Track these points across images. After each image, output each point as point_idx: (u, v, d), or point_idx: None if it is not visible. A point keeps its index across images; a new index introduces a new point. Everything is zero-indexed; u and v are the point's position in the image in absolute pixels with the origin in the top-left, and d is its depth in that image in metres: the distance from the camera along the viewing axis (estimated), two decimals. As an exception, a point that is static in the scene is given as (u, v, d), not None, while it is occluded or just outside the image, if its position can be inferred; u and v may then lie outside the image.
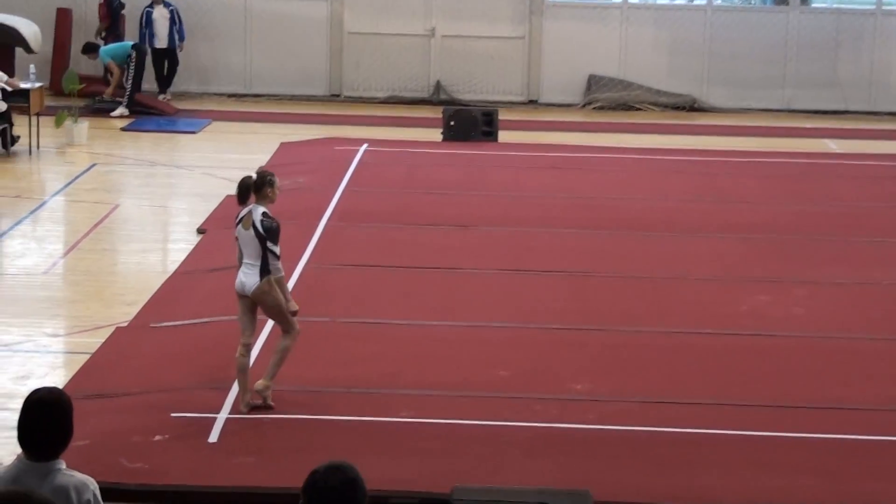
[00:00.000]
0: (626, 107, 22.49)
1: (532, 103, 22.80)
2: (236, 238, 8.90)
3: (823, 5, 24.03)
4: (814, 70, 22.89)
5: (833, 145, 19.91)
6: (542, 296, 11.55)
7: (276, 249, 8.75)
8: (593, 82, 22.78)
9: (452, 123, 18.83)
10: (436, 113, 19.78)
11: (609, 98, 22.57)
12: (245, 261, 8.79)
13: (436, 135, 18.72)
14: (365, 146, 17.56)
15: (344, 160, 16.60)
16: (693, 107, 22.65)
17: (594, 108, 22.47)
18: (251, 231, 8.71)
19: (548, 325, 10.72)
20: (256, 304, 8.82)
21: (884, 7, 23.18)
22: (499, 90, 22.74)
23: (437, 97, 22.12)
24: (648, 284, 11.96)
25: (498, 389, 9.36)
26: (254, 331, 8.95)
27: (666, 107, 22.56)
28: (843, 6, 23.83)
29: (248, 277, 8.73)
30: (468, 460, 8.26)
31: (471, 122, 18.97)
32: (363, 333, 10.40)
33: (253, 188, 8.81)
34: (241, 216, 8.86)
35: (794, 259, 12.84)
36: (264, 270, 8.69)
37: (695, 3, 23.89)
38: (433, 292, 11.58)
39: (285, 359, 8.86)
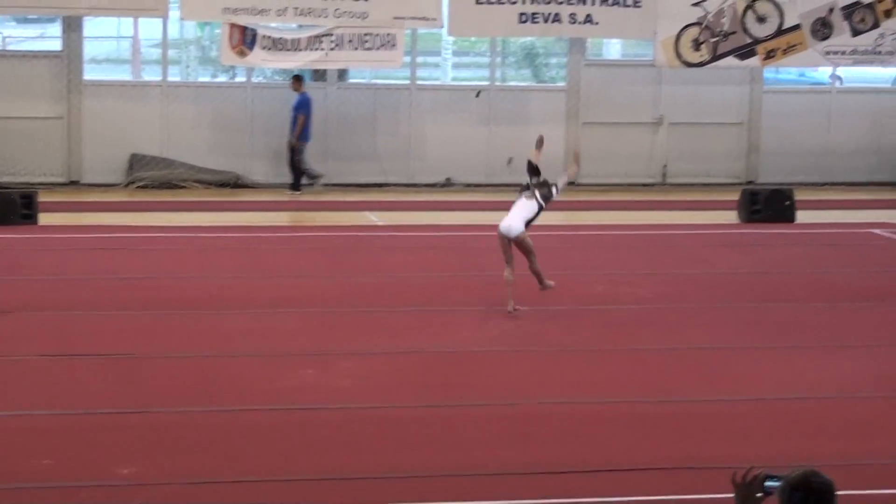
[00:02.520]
0: (171, 185, 22.39)
1: (73, 184, 22.36)
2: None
3: (360, 80, 24.74)
4: (353, 144, 23.50)
5: (374, 217, 20.46)
6: (87, 379, 11.27)
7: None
8: (135, 161, 22.57)
9: (-9, 207, 18.21)
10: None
11: (152, 177, 22.41)
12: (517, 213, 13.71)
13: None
14: None
15: None
16: (237, 183, 22.79)
17: (137, 188, 22.25)
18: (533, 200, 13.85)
19: (92, 409, 10.46)
20: (514, 243, 13.53)
21: (417, 82, 24.09)
22: (38, 171, 22.20)
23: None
24: (195, 363, 11.87)
25: (41, 480, 9.04)
26: (513, 257, 13.57)
27: (210, 184, 22.59)
28: (378, 81, 24.63)
29: (515, 224, 13.61)
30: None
31: (8, 206, 18.39)
32: None
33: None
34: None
35: (339, 331, 13.06)
36: (527, 224, 13.71)
37: (236, 80, 24.10)
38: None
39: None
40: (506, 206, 21.60)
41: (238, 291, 14.69)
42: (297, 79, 22.78)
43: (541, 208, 14.06)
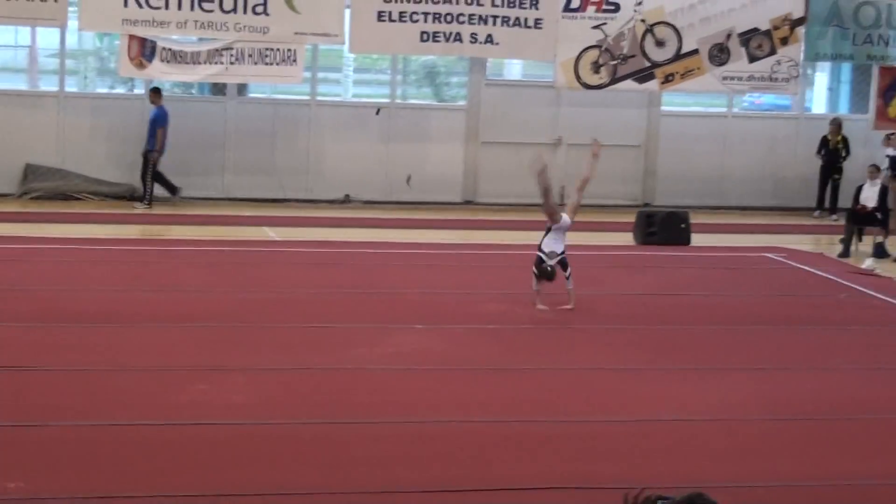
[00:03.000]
0: (65, 196, 22.18)
1: (-35, 193, 22.09)
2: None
3: (261, 95, 24.69)
4: (252, 159, 23.44)
5: (272, 233, 20.41)
6: (-25, 394, 11.13)
7: None
8: (30, 172, 22.34)
9: None
10: None
11: (47, 188, 22.20)
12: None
13: None
14: None
15: None
16: (133, 196, 22.63)
17: (31, 198, 22.01)
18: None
19: (-20, 424, 10.33)
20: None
21: (318, 98, 24.09)
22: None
23: None
24: (86, 377, 11.74)
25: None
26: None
27: (106, 196, 22.42)
28: (279, 96, 24.59)
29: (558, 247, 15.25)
30: None
31: None
32: None
33: None
34: None
35: (233, 346, 13.00)
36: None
37: (134, 91, 23.95)
38: None
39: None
40: (405, 224, 21.79)
41: (131, 305, 14.57)
42: (156, 91, 22.64)
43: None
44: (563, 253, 15.46)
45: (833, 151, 24.61)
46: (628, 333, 14.34)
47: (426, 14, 23.14)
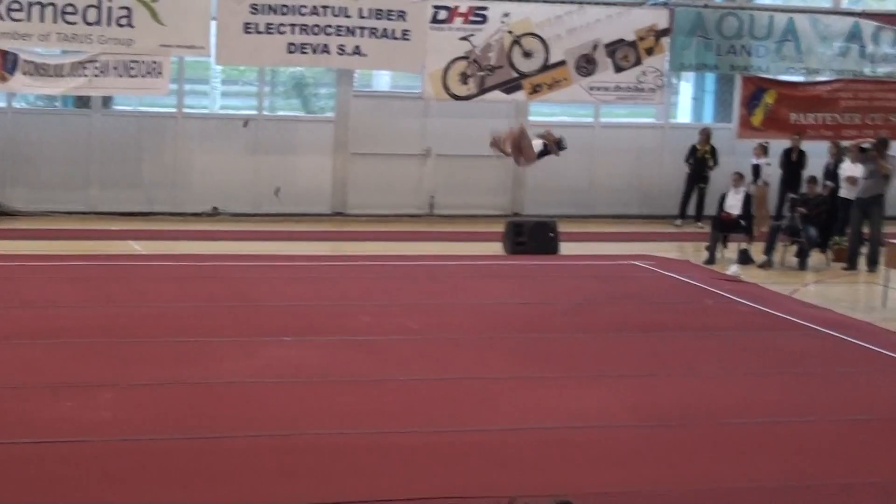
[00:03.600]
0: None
1: None
2: None
3: (126, 108, 24.35)
4: (118, 172, 23.12)
5: (138, 247, 20.13)
6: None
7: None
8: None
9: None
10: None
11: None
12: None
13: None
14: None
15: None
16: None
17: None
18: None
19: None
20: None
21: (185, 110, 23.84)
22: None
23: None
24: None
25: None
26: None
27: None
28: (144, 109, 24.28)
29: None
30: None
31: None
32: None
33: None
34: None
35: (100, 362, 12.76)
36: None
37: (-3, 105, 23.50)
38: None
39: None
40: (274, 236, 21.65)
41: (-5, 322, 14.28)
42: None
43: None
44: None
45: (701, 160, 24.94)
46: (500, 343, 14.37)
47: (293, 26, 23.02)
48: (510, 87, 24.28)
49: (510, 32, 24.14)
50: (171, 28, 22.36)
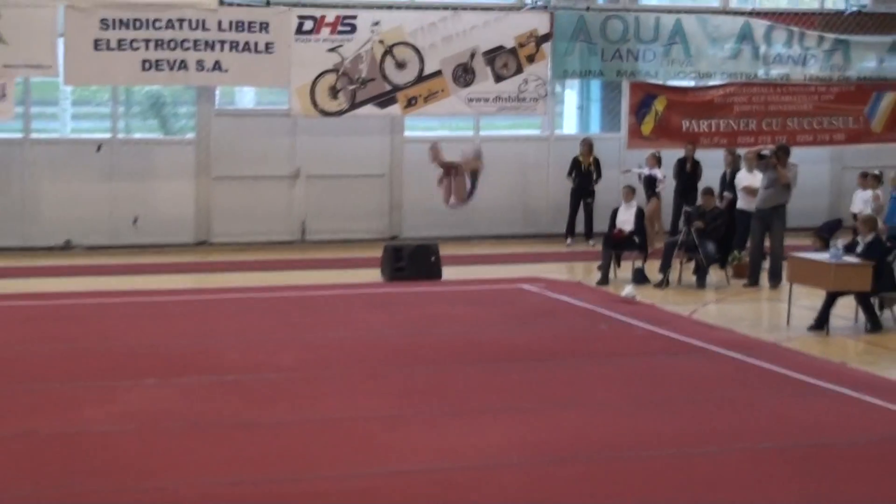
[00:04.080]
0: None
1: None
2: None
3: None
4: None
5: (-16, 286, 19.77)
6: None
7: None
8: None
9: None
10: None
11: None
12: None
13: None
14: None
15: None
16: None
17: None
18: None
19: None
20: None
21: (32, 135, 23.46)
22: None
23: None
24: None
25: None
26: None
27: None
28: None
29: None
30: None
31: None
32: None
33: None
34: None
35: (-58, 415, 12.50)
36: None
37: None
38: None
39: None
40: (133, 269, 21.34)
41: None
42: None
43: None
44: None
45: (585, 174, 25.05)
46: (381, 378, 14.24)
47: (147, 41, 22.76)
48: (384, 100, 24.23)
49: (381, 42, 24.10)
50: (14, 46, 22.01)
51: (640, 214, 21.37)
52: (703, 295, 20.04)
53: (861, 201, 22.87)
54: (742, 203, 21.90)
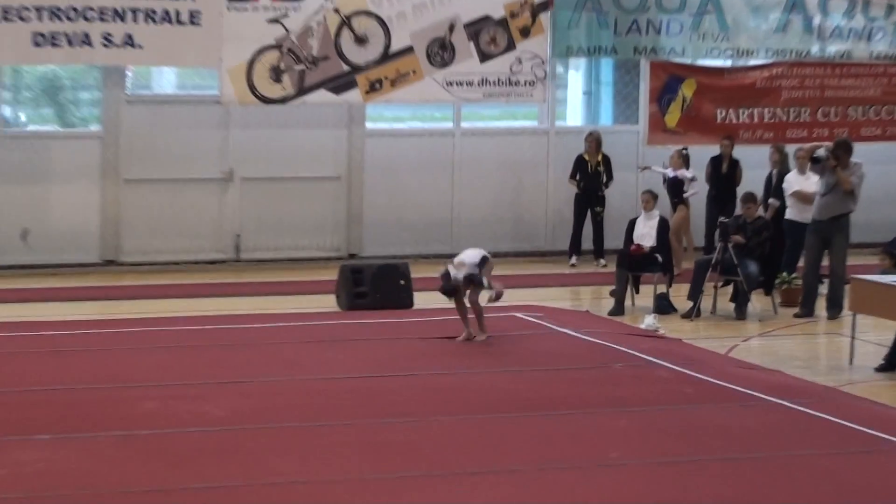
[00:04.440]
0: None
1: None
2: None
3: None
4: None
5: None
6: None
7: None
8: None
9: None
10: None
11: None
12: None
13: None
14: None
15: None
16: None
17: None
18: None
19: None
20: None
21: None
22: None
23: None
24: None
25: None
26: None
27: None
28: None
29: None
30: None
31: None
32: None
33: None
34: None
35: None
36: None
37: None
38: None
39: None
40: (22, 297, 21.27)
41: None
42: None
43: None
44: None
45: (592, 175, 25.03)
46: (338, 432, 14.18)
47: (40, 10, 22.75)
48: (340, 84, 24.25)
49: (336, 11, 24.11)
50: None
51: (663, 227, 21.33)
52: (744, 327, 20.07)
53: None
54: (792, 213, 21.90)
